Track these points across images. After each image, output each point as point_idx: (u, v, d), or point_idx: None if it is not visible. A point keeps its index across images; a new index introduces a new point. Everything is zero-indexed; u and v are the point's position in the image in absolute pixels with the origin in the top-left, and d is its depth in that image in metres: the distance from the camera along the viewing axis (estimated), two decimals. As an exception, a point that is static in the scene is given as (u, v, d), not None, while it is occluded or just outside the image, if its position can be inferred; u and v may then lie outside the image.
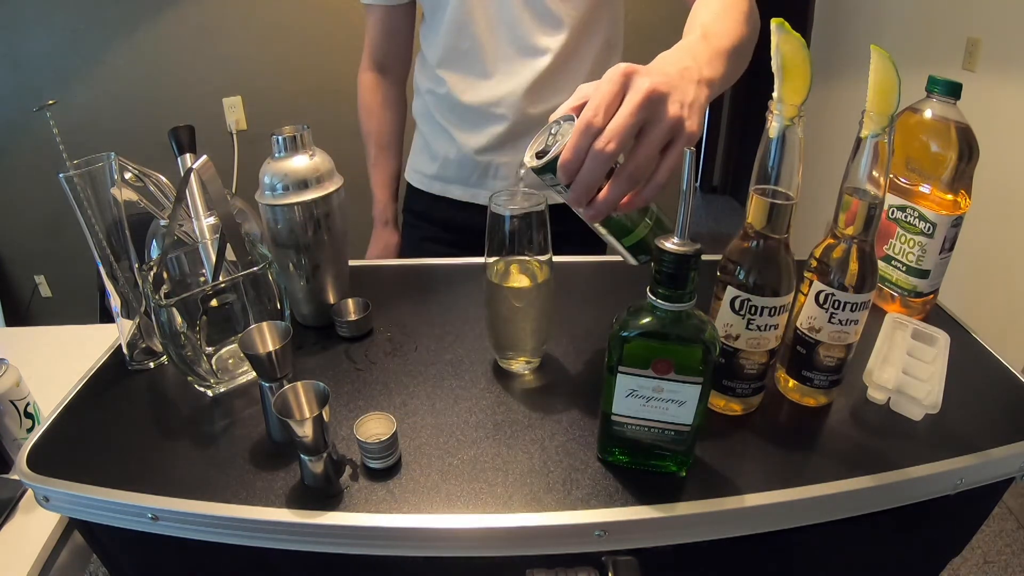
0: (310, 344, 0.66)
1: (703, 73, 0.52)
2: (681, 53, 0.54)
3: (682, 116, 0.47)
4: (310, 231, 0.63)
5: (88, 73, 2.18)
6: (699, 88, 0.50)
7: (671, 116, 0.47)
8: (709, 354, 0.43)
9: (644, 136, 0.47)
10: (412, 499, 0.47)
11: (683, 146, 0.48)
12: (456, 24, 0.85)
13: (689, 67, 0.51)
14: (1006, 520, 1.77)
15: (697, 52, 0.54)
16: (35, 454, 0.51)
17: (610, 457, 0.50)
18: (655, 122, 0.47)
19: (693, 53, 0.54)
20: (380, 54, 1.02)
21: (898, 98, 0.47)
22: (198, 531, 0.47)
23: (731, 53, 0.58)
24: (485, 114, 0.89)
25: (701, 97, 0.50)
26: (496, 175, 0.94)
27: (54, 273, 2.54)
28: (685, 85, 0.49)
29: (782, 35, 0.46)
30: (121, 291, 0.62)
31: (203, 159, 0.55)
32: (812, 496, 0.47)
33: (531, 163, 0.50)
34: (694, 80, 0.50)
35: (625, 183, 0.47)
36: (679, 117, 0.47)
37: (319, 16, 2.17)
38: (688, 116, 0.48)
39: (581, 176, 0.47)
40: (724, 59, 0.56)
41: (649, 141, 0.47)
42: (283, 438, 0.53)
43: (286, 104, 2.28)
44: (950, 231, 0.63)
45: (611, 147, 0.45)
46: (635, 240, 0.54)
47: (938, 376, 0.56)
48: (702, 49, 0.55)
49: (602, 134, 0.46)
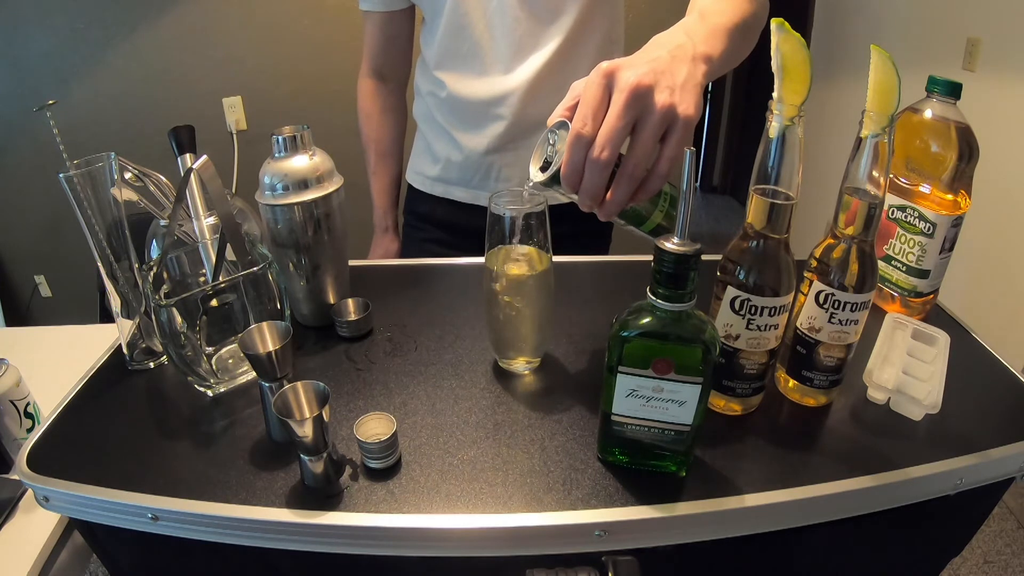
0: (310, 344, 0.66)
1: (698, 49, 0.51)
2: (675, 31, 0.53)
3: (673, 103, 0.46)
4: (310, 231, 0.63)
5: (88, 73, 2.18)
6: (694, 65, 0.49)
7: (661, 106, 0.46)
8: (709, 354, 0.43)
9: (638, 132, 0.47)
10: (412, 499, 0.47)
11: (681, 131, 0.47)
12: (453, 26, 0.85)
13: (682, 44, 0.50)
14: (1006, 520, 1.77)
15: (693, 29, 0.53)
16: (35, 454, 0.51)
17: (610, 457, 0.50)
18: (646, 116, 0.46)
19: (688, 30, 0.53)
20: (379, 61, 1.02)
21: (898, 98, 0.47)
22: (198, 531, 0.47)
23: (732, 30, 0.56)
24: (485, 114, 0.89)
25: (697, 74, 0.49)
26: (498, 176, 0.94)
27: (54, 273, 2.54)
28: (675, 66, 0.48)
29: (782, 35, 0.46)
30: (121, 291, 0.62)
31: (203, 159, 0.55)
32: (812, 496, 0.47)
33: (536, 178, 0.51)
34: (687, 58, 0.49)
35: (627, 183, 0.47)
36: (670, 105, 0.46)
37: (319, 16, 2.17)
38: (680, 100, 0.47)
39: (584, 186, 0.47)
40: (724, 36, 0.55)
41: (644, 137, 0.47)
42: (283, 438, 0.53)
43: (286, 104, 2.28)
44: (950, 231, 0.63)
45: (605, 155, 0.45)
46: (652, 226, 0.55)
47: (938, 376, 0.56)
48: (698, 26, 0.54)
49: (594, 143, 0.46)
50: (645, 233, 0.56)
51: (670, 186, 0.54)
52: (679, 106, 0.47)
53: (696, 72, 0.49)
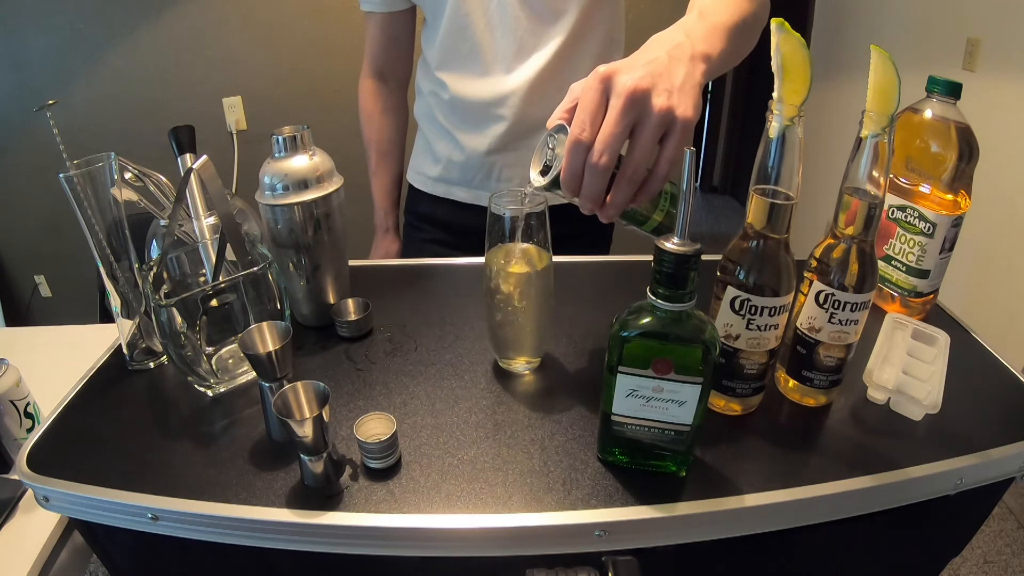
0: (310, 344, 0.66)
1: (697, 48, 0.51)
2: (674, 30, 0.53)
3: (671, 106, 0.46)
4: (310, 231, 0.63)
5: (88, 73, 2.18)
6: (692, 65, 0.49)
7: (659, 109, 0.46)
8: (709, 354, 0.43)
9: (637, 135, 0.47)
10: (412, 499, 0.47)
11: (680, 133, 0.47)
12: (455, 26, 0.85)
13: (681, 43, 0.50)
14: (1006, 520, 1.77)
15: (691, 28, 0.53)
16: (35, 454, 0.51)
17: (610, 457, 0.50)
18: (644, 119, 0.46)
19: (687, 29, 0.53)
20: (380, 61, 1.01)
21: (898, 98, 0.47)
22: (198, 531, 0.47)
23: (732, 29, 0.57)
24: (486, 115, 0.89)
25: (696, 74, 0.49)
26: (500, 177, 0.94)
27: (54, 273, 2.54)
28: (673, 67, 0.48)
29: (782, 35, 0.46)
30: (121, 291, 0.62)
31: (203, 159, 0.55)
32: (812, 496, 0.47)
33: (537, 183, 0.51)
34: (685, 58, 0.49)
35: (627, 185, 0.48)
36: (668, 108, 0.46)
37: (319, 16, 2.17)
38: (679, 102, 0.47)
39: (584, 190, 0.48)
40: (723, 35, 0.55)
41: (643, 140, 0.47)
42: (283, 438, 0.53)
43: (286, 104, 2.28)
44: (950, 231, 0.63)
45: (604, 160, 0.46)
46: (654, 225, 0.55)
47: (938, 376, 0.56)
48: (697, 25, 0.54)
49: (593, 149, 0.46)
50: (647, 232, 0.56)
51: (671, 184, 0.54)
52: (677, 108, 0.47)
53: (695, 72, 0.49)
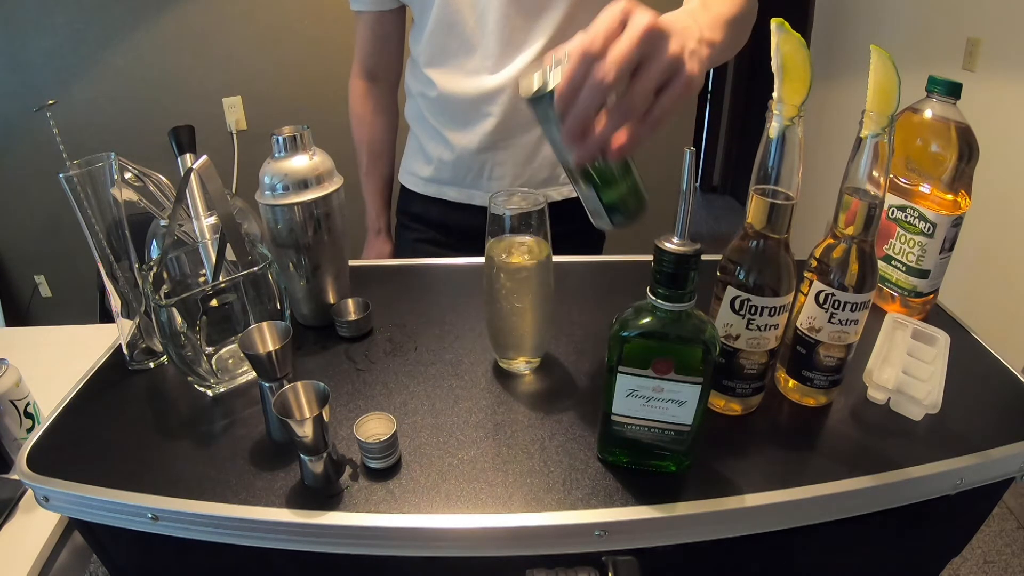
0: (310, 344, 0.66)
1: (704, 34, 0.51)
2: (680, 14, 0.53)
3: (682, 56, 0.45)
4: (310, 231, 0.63)
5: (88, 73, 2.18)
6: (700, 44, 0.49)
7: (671, 54, 0.45)
8: (709, 354, 0.43)
9: (641, 71, 0.45)
10: (412, 499, 0.47)
11: (681, 87, 0.46)
12: (443, 22, 0.85)
13: (689, 26, 0.50)
14: (1006, 520, 1.77)
15: (697, 15, 0.53)
16: (35, 454, 0.51)
17: (610, 457, 0.50)
18: (654, 57, 0.45)
19: (693, 15, 0.53)
20: (371, 61, 1.01)
21: (898, 98, 0.47)
22: (198, 531, 0.47)
23: (730, 22, 0.57)
24: (475, 112, 0.89)
25: (703, 51, 0.49)
26: (491, 175, 0.94)
27: (54, 273, 2.54)
28: (687, 34, 0.48)
29: (782, 35, 0.46)
30: (121, 291, 0.62)
31: (203, 159, 0.55)
32: (812, 496, 0.47)
33: (527, 93, 0.48)
34: (695, 36, 0.49)
35: (618, 116, 0.45)
36: (679, 56, 0.45)
37: (319, 17, 2.17)
38: (689, 58, 0.46)
39: (576, 108, 0.45)
40: (723, 26, 0.56)
41: (647, 76, 0.45)
42: (283, 438, 0.53)
43: (286, 104, 2.28)
44: (950, 231, 0.63)
45: (610, 77, 0.43)
46: (615, 196, 0.53)
47: (938, 376, 0.56)
48: (702, 13, 0.54)
49: (601, 63, 0.43)
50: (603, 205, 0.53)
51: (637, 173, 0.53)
52: (687, 62, 0.46)
53: (702, 49, 0.49)
